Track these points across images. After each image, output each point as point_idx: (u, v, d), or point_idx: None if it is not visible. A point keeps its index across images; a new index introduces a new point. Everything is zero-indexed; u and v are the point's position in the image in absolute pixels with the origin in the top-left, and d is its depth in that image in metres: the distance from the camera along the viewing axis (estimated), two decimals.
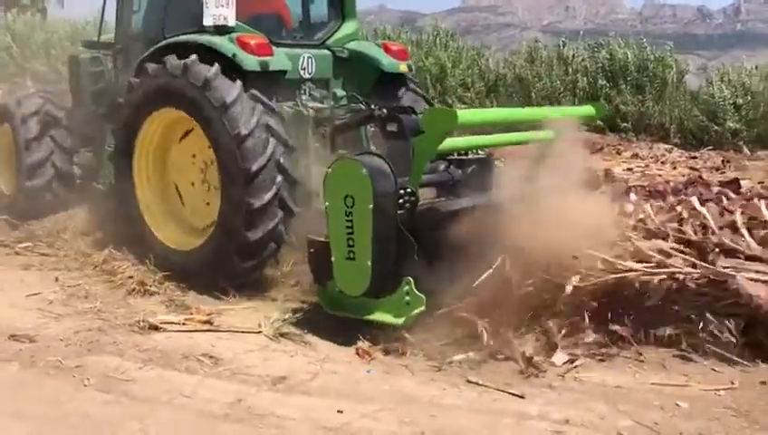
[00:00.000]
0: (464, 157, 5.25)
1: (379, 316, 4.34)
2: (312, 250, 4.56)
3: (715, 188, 5.94)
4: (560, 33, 22.68)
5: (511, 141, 5.40)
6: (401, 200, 4.31)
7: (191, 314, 4.85)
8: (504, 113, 5.37)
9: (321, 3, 6.51)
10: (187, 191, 5.76)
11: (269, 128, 5.14)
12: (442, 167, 5.22)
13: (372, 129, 5.66)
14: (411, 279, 4.25)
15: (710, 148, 13.34)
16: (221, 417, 3.54)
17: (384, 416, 3.56)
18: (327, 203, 4.38)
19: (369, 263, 4.25)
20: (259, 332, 4.59)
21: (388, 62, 6.23)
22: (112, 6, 6.62)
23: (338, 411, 3.59)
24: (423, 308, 4.28)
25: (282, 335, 4.54)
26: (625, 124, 14.63)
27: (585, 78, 15.06)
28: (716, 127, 14.08)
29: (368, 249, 4.24)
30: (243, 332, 4.62)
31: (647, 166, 11.51)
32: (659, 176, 10.01)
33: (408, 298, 4.26)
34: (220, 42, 5.34)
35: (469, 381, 3.94)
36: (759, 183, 8.40)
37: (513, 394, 3.79)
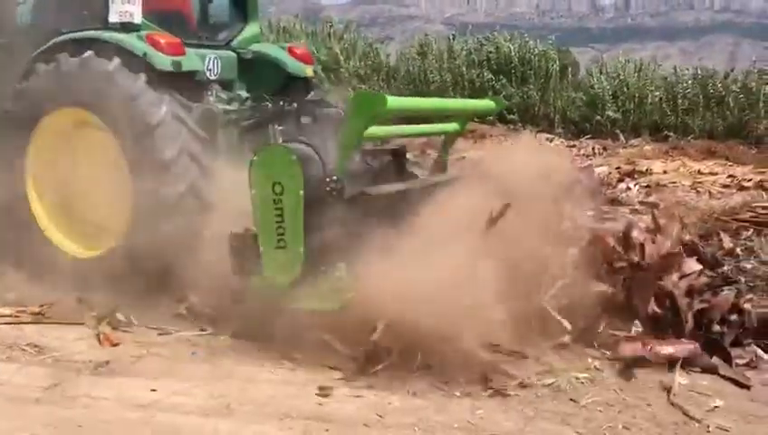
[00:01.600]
0: (379, 147, 5.25)
1: (312, 304, 4.27)
2: (233, 244, 4.42)
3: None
4: (462, 26, 23.21)
5: (425, 132, 5.48)
6: (329, 188, 4.27)
7: (24, 307, 4.86)
8: (424, 102, 5.40)
9: (223, 3, 6.43)
10: (86, 194, 5.47)
11: (179, 118, 5.06)
12: (358, 158, 5.16)
13: (280, 127, 5.61)
14: (343, 264, 4.21)
15: (590, 136, 14.12)
16: (32, 400, 3.64)
17: (197, 392, 3.77)
18: (253, 191, 4.26)
19: (302, 250, 4.19)
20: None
21: (293, 65, 6.21)
22: None
23: (151, 390, 3.77)
24: (353, 293, 4.17)
25: (110, 324, 4.65)
26: (512, 116, 15.25)
27: (473, 71, 15.56)
28: (597, 117, 14.90)
29: (299, 236, 4.19)
30: (73, 323, 4.69)
31: None
32: None
33: (340, 284, 4.20)
34: (129, 39, 5.17)
35: (290, 360, 4.20)
36: (616, 168, 9.05)
37: (332, 367, 4.09)
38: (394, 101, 4.40)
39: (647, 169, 9.12)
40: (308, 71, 6.28)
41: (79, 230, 5.46)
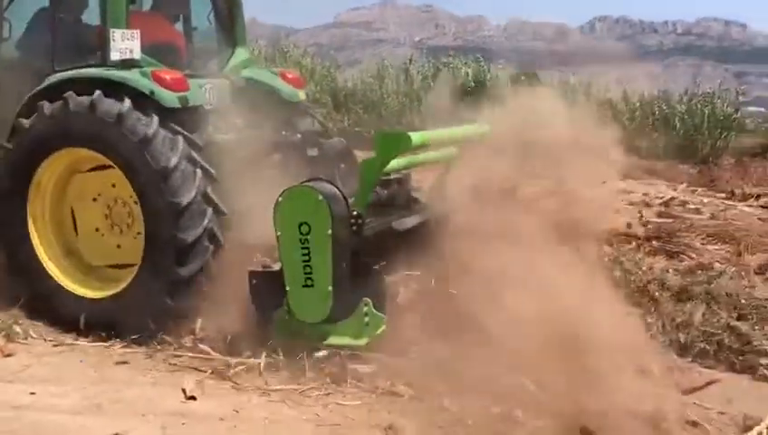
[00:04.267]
0: (387, 177, 5.23)
1: (339, 340, 4.40)
2: (254, 282, 4.53)
3: None
4: (432, 49, 23.71)
5: (429, 160, 5.52)
6: (353, 225, 4.39)
7: None
8: (445, 133, 5.54)
9: (210, 30, 6.44)
10: (89, 235, 5.43)
11: (193, 159, 5.06)
12: None
13: (280, 156, 5.74)
14: (369, 300, 4.35)
15: None
16: None
17: (73, 394, 4.15)
18: (279, 233, 4.38)
19: (330, 288, 4.32)
20: None
21: (287, 90, 6.22)
22: None
23: (30, 393, 4.14)
24: (384, 328, 4.39)
25: (6, 336, 4.96)
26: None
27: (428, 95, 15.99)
28: None
29: (328, 275, 4.31)
30: None
31: None
32: None
33: (367, 319, 4.35)
34: (133, 77, 5.18)
35: (170, 364, 4.58)
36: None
37: (200, 369, 4.47)
38: (418, 138, 4.52)
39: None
40: (300, 94, 6.32)
41: (86, 273, 5.45)
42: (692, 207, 7.76)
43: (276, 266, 4.51)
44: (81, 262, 5.47)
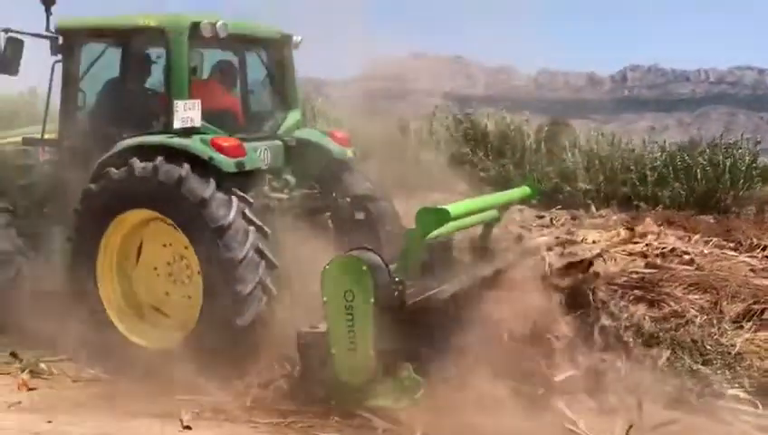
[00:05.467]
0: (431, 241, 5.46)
1: (379, 401, 4.68)
2: (302, 341, 4.83)
3: None
4: (462, 100, 24.19)
5: (471, 224, 5.76)
6: (395, 292, 4.66)
7: None
8: (479, 202, 5.81)
9: (266, 95, 6.94)
10: (147, 270, 5.84)
11: (246, 217, 5.43)
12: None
13: (329, 216, 6.14)
14: (409, 364, 4.65)
15: (560, 207, 14.74)
16: None
17: (86, 424, 4.70)
18: (326, 298, 4.67)
19: (372, 352, 4.60)
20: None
21: (336, 149, 6.61)
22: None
23: (47, 422, 4.71)
24: (422, 391, 4.65)
25: (31, 372, 5.58)
26: (489, 187, 15.94)
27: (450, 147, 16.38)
28: (568, 188, 15.59)
29: (370, 339, 4.59)
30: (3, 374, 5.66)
31: None
32: None
33: (407, 383, 4.63)
34: (194, 145, 5.58)
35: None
36: (555, 237, 9.71)
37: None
38: (456, 210, 4.88)
39: (582, 239, 9.85)
40: (349, 153, 6.71)
41: (149, 325, 5.85)
42: (688, 257, 7.90)
43: (322, 328, 4.79)
44: (148, 315, 5.85)
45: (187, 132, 5.71)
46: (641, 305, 6.05)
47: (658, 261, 7.44)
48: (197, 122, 5.75)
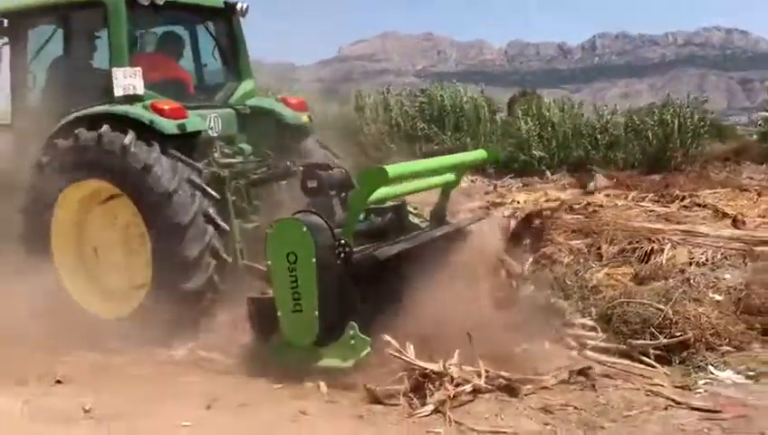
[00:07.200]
0: (381, 205, 5.54)
1: (327, 362, 4.67)
2: (252, 307, 4.87)
3: None
4: (434, 76, 24.39)
5: (421, 188, 5.77)
6: (338, 251, 4.68)
7: None
8: (421, 164, 5.90)
9: (215, 65, 6.88)
10: (107, 258, 5.88)
11: (192, 182, 5.46)
12: (362, 216, 5.40)
13: (284, 183, 6.17)
14: (355, 324, 4.61)
15: (512, 175, 15.10)
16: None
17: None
18: (269, 262, 4.71)
19: (317, 313, 4.61)
20: None
21: (290, 115, 6.58)
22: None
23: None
24: (369, 350, 4.62)
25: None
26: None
27: (408, 121, 16.66)
28: (523, 156, 15.97)
29: (314, 301, 4.60)
30: None
31: None
32: None
33: (353, 342, 4.60)
34: (134, 110, 5.64)
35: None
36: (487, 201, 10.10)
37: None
38: (394, 171, 4.84)
39: (511, 200, 10.21)
40: (304, 118, 6.66)
41: (103, 293, 5.90)
42: (593, 209, 8.24)
43: (272, 293, 4.84)
44: (101, 283, 5.90)
45: (130, 100, 5.76)
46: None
47: (564, 215, 7.77)
48: (140, 90, 5.78)
